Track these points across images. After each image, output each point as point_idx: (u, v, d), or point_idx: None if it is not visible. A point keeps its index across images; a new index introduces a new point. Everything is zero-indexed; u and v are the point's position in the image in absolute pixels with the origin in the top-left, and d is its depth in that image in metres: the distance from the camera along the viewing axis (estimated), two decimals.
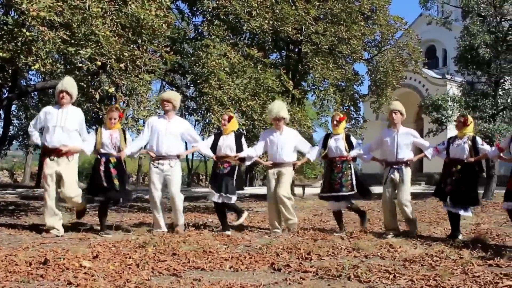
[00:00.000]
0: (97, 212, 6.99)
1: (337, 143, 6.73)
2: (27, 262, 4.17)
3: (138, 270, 4.05)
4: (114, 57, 7.69)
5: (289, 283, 3.69)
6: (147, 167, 22.83)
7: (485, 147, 6.29)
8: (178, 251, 4.90)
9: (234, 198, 6.71)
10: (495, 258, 4.72)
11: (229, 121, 6.81)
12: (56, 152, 5.98)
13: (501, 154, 6.09)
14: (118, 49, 7.71)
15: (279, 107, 6.85)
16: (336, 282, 3.75)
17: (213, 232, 6.39)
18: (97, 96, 7.91)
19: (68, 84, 6.19)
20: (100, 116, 9.21)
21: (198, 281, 3.67)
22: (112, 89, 7.94)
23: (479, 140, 6.36)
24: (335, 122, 6.87)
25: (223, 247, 5.26)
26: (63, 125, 6.01)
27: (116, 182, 6.12)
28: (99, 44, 7.37)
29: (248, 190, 19.56)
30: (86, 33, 7.31)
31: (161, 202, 6.45)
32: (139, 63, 8.54)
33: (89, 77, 8.80)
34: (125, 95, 8.93)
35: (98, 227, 6.42)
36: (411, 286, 3.60)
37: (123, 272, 3.92)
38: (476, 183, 6.29)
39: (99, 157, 6.24)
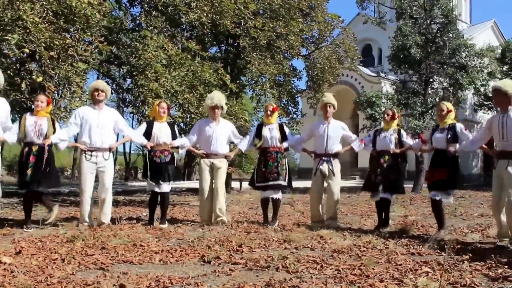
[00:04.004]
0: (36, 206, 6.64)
1: (272, 133, 6.79)
2: None
3: (63, 265, 3.91)
4: (44, 44, 7.37)
5: (218, 275, 3.70)
6: None
7: (408, 140, 6.66)
8: (108, 245, 4.78)
9: (170, 186, 6.68)
10: (418, 247, 4.96)
11: (168, 110, 6.80)
12: None
13: (423, 146, 6.44)
14: (48, 36, 7.40)
15: (219, 96, 6.86)
16: (264, 273, 3.80)
17: (145, 226, 6.28)
18: (24, 86, 7.52)
19: None
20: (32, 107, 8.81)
21: (125, 275, 3.60)
22: (40, 78, 7.60)
23: (403, 133, 6.74)
24: (268, 112, 6.92)
25: (154, 241, 5.20)
26: None
27: (29, 171, 5.78)
28: (27, 30, 7.04)
29: (185, 184, 19.41)
30: (13, 17, 6.95)
31: (92, 196, 6.25)
32: (71, 52, 8.23)
33: (17, 65, 8.41)
34: (58, 85, 8.59)
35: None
36: (337, 276, 3.69)
37: (47, 267, 3.78)
38: (402, 172, 6.61)
39: (22, 147, 5.91)
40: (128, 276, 3.58)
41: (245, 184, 17.09)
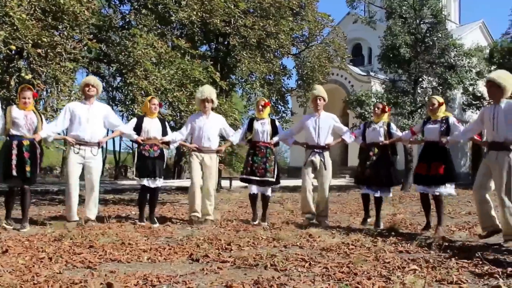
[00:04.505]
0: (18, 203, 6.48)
1: (264, 127, 6.81)
2: None
3: (50, 263, 3.89)
4: (31, 42, 7.30)
5: (206, 273, 3.69)
6: None
7: (398, 133, 6.75)
8: (96, 243, 4.76)
9: (161, 182, 6.65)
10: (406, 245, 5.00)
11: (160, 106, 6.83)
12: None
13: (412, 138, 6.51)
14: (35, 33, 7.33)
15: (210, 89, 6.87)
16: (252, 271, 3.80)
17: (134, 225, 6.26)
18: (13, 83, 7.46)
19: None
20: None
21: (112, 273, 3.59)
22: (29, 76, 7.53)
23: (393, 125, 6.82)
24: (260, 107, 6.93)
25: (143, 239, 5.18)
26: None
27: (28, 168, 5.70)
28: (15, 27, 6.96)
29: (176, 182, 19.35)
30: (0, 14, 6.88)
31: (78, 190, 6.21)
32: (59, 50, 8.17)
33: (5, 62, 8.32)
34: (45, 83, 8.52)
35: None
36: (325, 273, 3.70)
37: (33, 266, 3.76)
38: (393, 164, 6.65)
39: (8, 139, 5.74)
40: (116, 274, 3.56)
41: (235, 183, 17.10)
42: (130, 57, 9.19)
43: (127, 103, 10.04)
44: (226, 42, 13.53)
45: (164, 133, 6.66)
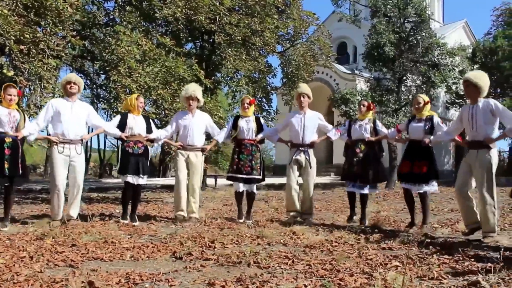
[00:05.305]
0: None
1: (249, 125, 6.80)
2: None
3: (31, 262, 3.84)
4: (13, 38, 7.21)
5: (189, 271, 3.68)
6: None
7: (383, 129, 6.76)
8: (78, 242, 4.72)
9: (145, 180, 6.61)
10: (389, 242, 5.04)
11: (145, 103, 6.76)
12: None
13: (398, 135, 6.55)
14: (18, 29, 7.24)
15: (195, 87, 6.86)
16: (235, 268, 3.80)
17: (118, 223, 6.21)
18: None
19: None
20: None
21: (94, 271, 3.56)
22: (11, 73, 7.44)
23: (378, 122, 6.83)
24: (245, 105, 6.91)
25: (126, 237, 5.15)
26: None
27: (7, 165, 5.59)
28: None
29: (160, 181, 19.26)
30: None
31: (64, 189, 6.14)
32: (42, 46, 8.08)
33: None
34: (28, 80, 8.42)
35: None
36: (308, 270, 3.71)
37: (14, 265, 3.70)
38: (379, 160, 6.69)
39: None
40: (98, 273, 3.53)
41: (220, 181, 17.08)
42: (113, 54, 9.11)
43: (111, 100, 9.96)
44: (211, 40, 13.49)
45: (149, 130, 6.62)
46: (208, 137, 7.53)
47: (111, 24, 11.03)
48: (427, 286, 3.26)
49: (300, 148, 6.77)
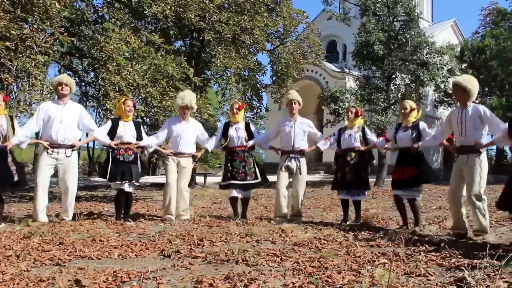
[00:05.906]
0: None
1: (238, 133, 6.79)
2: None
3: (18, 261, 3.81)
4: (0, 34, 7.13)
5: (177, 269, 3.67)
6: None
7: (373, 137, 6.77)
8: (66, 240, 4.69)
9: (134, 186, 6.57)
10: (377, 239, 5.07)
11: (134, 107, 6.66)
12: None
13: (387, 145, 6.55)
14: (3, 26, 7.15)
15: (190, 96, 6.78)
16: (224, 266, 3.80)
17: (106, 221, 6.18)
18: None
19: None
20: None
21: (81, 270, 3.54)
22: None
23: (368, 131, 6.84)
24: (234, 111, 6.90)
25: (114, 236, 5.12)
26: None
27: None
28: None
29: (150, 179, 19.19)
30: None
31: (47, 191, 6.07)
32: (29, 43, 7.99)
33: None
34: (16, 77, 8.33)
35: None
36: (296, 268, 3.72)
37: (0, 264, 3.67)
38: (368, 169, 6.72)
39: None
40: (85, 271, 3.51)
41: (210, 179, 17.05)
42: (102, 51, 9.03)
43: (99, 98, 9.89)
44: (200, 38, 13.45)
45: (139, 137, 6.48)
46: (197, 144, 7.44)
47: (99, 21, 10.95)
48: (414, 282, 3.29)
49: (291, 155, 6.77)
